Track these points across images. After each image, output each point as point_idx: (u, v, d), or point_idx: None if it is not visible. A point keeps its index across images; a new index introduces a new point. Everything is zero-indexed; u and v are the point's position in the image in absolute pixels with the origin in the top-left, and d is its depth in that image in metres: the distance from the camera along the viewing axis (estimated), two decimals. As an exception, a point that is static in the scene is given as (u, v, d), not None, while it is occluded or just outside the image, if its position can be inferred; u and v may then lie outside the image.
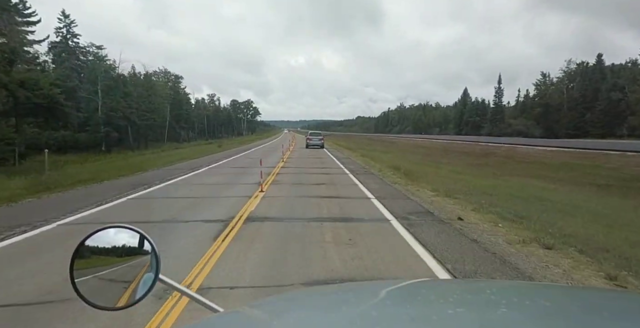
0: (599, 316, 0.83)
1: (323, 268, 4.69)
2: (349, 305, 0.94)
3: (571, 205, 9.56)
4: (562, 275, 4.58)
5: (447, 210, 8.22)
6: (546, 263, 4.92)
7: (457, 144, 53.31)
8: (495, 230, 6.59)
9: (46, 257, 5.17)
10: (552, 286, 2.10)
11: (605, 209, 9.37)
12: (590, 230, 6.63)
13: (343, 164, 20.84)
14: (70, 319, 3.37)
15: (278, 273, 4.50)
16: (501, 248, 5.55)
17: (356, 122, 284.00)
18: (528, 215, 7.51)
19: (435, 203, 9.10)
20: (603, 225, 7.23)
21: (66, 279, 1.05)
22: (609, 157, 28.29)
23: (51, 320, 3.39)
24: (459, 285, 1.52)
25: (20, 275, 4.51)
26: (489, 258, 5.13)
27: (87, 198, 9.48)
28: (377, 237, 6.15)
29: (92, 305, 1.02)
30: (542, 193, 11.42)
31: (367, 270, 4.64)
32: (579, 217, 7.82)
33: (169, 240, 5.83)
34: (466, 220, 7.25)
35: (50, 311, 3.56)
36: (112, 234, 1.10)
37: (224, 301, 3.69)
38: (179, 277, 4.20)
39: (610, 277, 4.44)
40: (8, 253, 5.50)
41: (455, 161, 26.56)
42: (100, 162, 24.12)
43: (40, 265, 4.84)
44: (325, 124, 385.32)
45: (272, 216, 7.56)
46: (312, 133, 38.87)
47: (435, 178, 14.21)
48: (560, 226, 6.64)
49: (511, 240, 5.99)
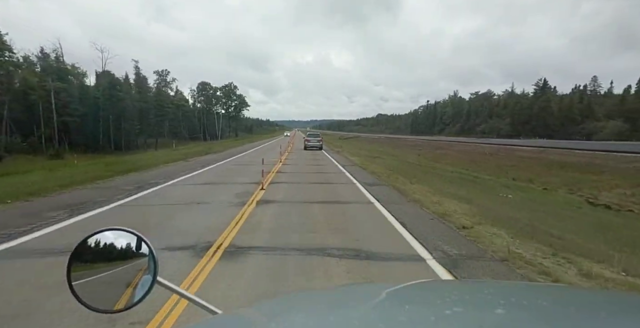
0: (599, 316, 0.83)
1: None
2: (348, 306, 0.94)
3: None
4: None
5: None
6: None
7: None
8: None
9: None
10: (552, 286, 2.15)
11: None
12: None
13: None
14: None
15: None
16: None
17: (378, 120, 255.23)
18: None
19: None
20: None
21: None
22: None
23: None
24: (458, 286, 1.50)
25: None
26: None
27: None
28: None
29: (90, 307, 1.01)
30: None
31: None
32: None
33: None
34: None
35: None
36: (110, 237, 1.09)
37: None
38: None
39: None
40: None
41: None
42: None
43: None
44: (340, 123, 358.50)
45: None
46: (310, 134, 36.19)
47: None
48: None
49: None
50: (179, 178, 13.30)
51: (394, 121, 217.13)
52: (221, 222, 6.98)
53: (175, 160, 20.97)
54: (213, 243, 5.69)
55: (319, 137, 33.71)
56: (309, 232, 6.49)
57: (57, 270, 4.21)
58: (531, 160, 26.82)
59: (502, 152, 36.22)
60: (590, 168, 23.28)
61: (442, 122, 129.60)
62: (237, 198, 9.55)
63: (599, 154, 30.18)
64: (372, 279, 4.53)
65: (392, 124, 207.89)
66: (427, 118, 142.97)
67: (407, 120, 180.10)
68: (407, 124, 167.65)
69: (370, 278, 4.55)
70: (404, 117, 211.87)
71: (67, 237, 5.90)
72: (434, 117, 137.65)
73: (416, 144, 57.11)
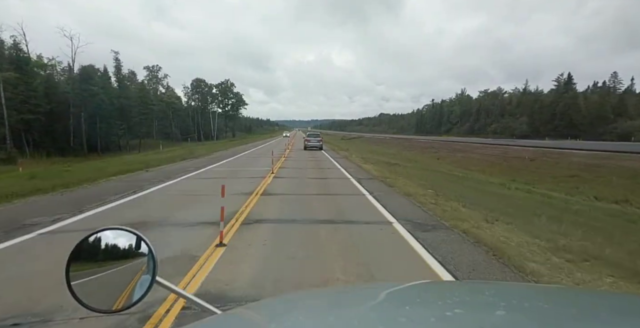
0: (599, 318, 0.82)
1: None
2: (348, 307, 0.93)
3: None
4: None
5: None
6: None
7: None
8: None
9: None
10: (552, 288, 2.04)
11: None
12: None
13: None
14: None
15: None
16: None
17: (381, 120, 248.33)
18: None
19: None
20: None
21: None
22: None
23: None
24: (459, 286, 1.51)
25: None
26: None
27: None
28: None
29: (88, 307, 1.01)
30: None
31: None
32: None
33: None
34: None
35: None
36: (109, 236, 1.08)
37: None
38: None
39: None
40: None
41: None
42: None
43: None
44: (341, 123, 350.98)
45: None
46: (310, 134, 35.74)
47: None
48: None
49: None
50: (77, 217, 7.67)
51: (397, 121, 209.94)
52: None
53: (131, 171, 15.37)
54: None
55: (319, 137, 33.80)
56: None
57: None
58: (599, 169, 20.71)
59: (547, 157, 29.74)
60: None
61: (449, 121, 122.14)
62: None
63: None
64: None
65: (396, 123, 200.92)
66: (433, 117, 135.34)
67: (411, 120, 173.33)
68: (412, 123, 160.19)
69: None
70: (406, 117, 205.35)
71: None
72: (440, 116, 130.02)
73: (429, 146, 51.36)
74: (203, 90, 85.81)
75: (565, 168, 21.62)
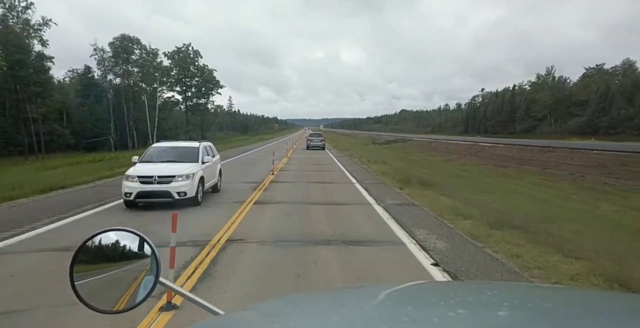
0: (600, 318, 0.82)
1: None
2: (350, 307, 0.93)
3: None
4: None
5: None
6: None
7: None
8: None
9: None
10: (554, 288, 2.07)
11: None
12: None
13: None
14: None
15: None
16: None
17: (404, 118, 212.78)
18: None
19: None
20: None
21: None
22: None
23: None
24: (460, 286, 1.51)
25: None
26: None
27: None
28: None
29: (92, 308, 1.01)
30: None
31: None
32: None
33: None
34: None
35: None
36: (112, 237, 1.08)
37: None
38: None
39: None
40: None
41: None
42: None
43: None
44: (355, 122, 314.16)
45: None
46: (313, 134, 38.09)
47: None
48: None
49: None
50: None
51: (426, 118, 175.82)
52: None
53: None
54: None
55: (321, 137, 36.43)
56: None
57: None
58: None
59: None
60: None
61: (528, 115, 79.59)
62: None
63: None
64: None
65: (425, 120, 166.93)
66: (499, 110, 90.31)
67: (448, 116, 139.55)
68: (456, 119, 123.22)
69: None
70: (433, 114, 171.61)
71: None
72: (511, 109, 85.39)
73: (594, 163, 20.56)
74: (133, 56, 48.23)
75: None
